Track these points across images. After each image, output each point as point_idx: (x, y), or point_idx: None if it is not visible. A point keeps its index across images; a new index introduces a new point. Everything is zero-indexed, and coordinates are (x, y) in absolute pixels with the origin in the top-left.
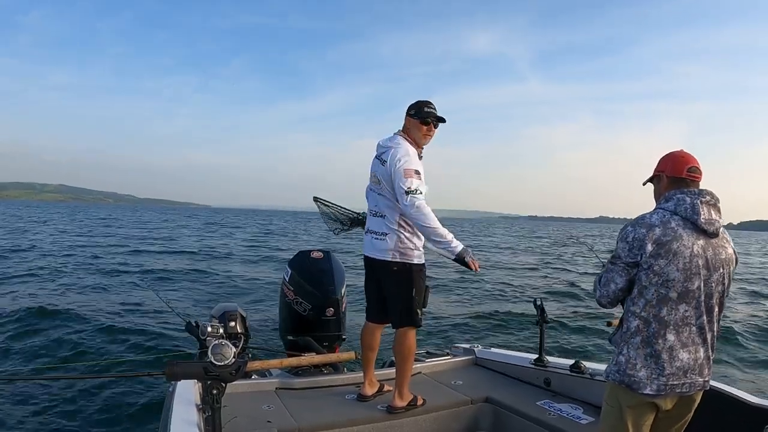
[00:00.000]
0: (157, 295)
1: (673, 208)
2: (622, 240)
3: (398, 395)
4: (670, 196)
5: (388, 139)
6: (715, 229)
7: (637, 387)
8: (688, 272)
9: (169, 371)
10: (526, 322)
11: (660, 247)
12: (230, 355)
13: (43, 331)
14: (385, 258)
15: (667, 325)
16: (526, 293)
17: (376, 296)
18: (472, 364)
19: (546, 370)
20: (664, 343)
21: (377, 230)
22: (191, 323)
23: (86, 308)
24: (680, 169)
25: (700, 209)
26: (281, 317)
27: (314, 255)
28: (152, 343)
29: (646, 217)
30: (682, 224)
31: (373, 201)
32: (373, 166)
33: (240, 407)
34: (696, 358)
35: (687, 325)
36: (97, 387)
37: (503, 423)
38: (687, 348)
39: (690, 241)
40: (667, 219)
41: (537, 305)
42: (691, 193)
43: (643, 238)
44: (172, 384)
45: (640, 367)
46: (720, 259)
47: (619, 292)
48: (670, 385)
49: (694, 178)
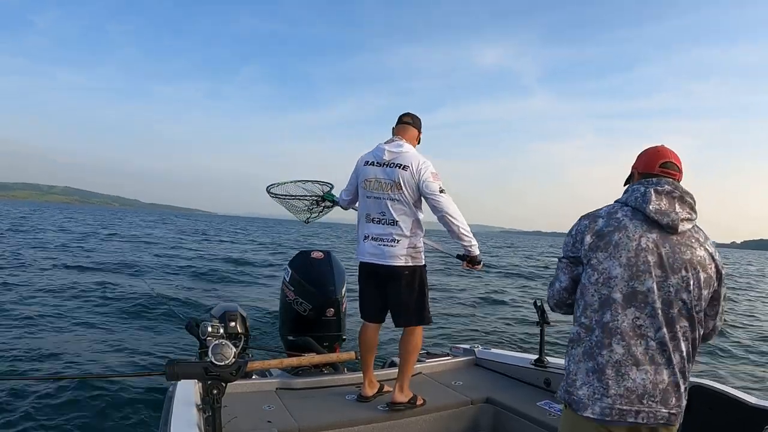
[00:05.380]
0: (158, 295)
1: (624, 199)
2: (567, 234)
3: (399, 390)
4: (627, 188)
5: (395, 144)
6: (671, 221)
7: (577, 407)
8: (634, 269)
9: (169, 371)
10: (527, 322)
11: (600, 239)
12: (230, 355)
13: (43, 331)
14: (396, 263)
15: (612, 334)
16: (527, 294)
17: (378, 300)
18: (472, 365)
19: (546, 371)
20: (609, 356)
21: (386, 236)
22: (191, 323)
23: (86, 308)
24: (652, 165)
25: (653, 197)
26: (281, 317)
27: (314, 255)
28: (152, 343)
29: (597, 209)
30: (630, 215)
31: (378, 207)
32: (380, 172)
33: (240, 407)
34: (655, 382)
35: (641, 337)
36: (97, 387)
37: (503, 423)
38: (641, 366)
39: (636, 234)
40: (615, 210)
41: (537, 306)
42: (648, 183)
43: (584, 230)
44: (172, 384)
45: (581, 384)
46: (682, 259)
47: (563, 291)
48: (617, 409)
49: (667, 174)
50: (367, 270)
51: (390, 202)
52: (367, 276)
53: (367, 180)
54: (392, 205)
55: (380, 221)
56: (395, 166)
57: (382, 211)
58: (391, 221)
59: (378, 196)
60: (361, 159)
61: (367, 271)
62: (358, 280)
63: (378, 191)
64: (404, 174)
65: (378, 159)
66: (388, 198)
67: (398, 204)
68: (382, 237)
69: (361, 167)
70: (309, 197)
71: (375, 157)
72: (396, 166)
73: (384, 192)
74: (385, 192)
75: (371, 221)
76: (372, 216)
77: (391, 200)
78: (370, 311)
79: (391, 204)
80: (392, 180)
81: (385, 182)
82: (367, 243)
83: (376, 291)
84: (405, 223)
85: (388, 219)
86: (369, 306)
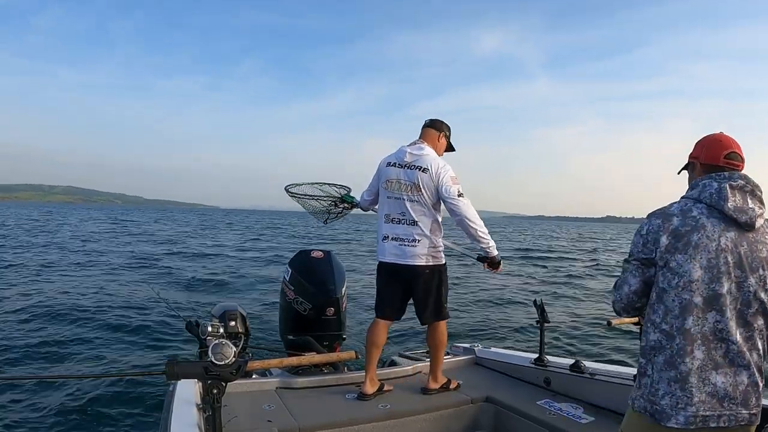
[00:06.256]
0: (158, 295)
1: (696, 196)
2: (636, 234)
3: (433, 379)
4: (696, 183)
5: (416, 147)
6: (749, 219)
7: (660, 418)
8: (715, 271)
9: (169, 371)
10: (527, 321)
11: (677, 240)
12: (230, 354)
13: (43, 331)
14: (417, 263)
15: (694, 340)
16: (527, 292)
17: (397, 299)
18: (472, 364)
19: (546, 370)
20: (692, 363)
21: (406, 237)
22: (191, 322)
23: (86, 308)
24: (716, 155)
25: (728, 194)
26: (281, 317)
27: (314, 254)
28: (152, 342)
29: (666, 206)
30: (706, 213)
31: (398, 208)
32: (402, 174)
33: (240, 407)
34: (735, 384)
35: (721, 340)
36: (97, 387)
37: (503, 423)
38: (722, 370)
39: (715, 233)
40: (688, 207)
41: (537, 305)
42: (720, 177)
43: (657, 230)
44: (172, 383)
45: (663, 394)
46: (759, 257)
47: (633, 295)
48: (701, 416)
49: (733, 166)
50: (387, 269)
51: (409, 203)
52: (388, 275)
53: (388, 181)
54: (412, 206)
55: (400, 221)
56: (415, 168)
57: (402, 211)
58: (411, 222)
59: (398, 196)
60: (384, 160)
61: (387, 271)
62: (377, 279)
63: (398, 192)
64: (423, 176)
65: (399, 160)
66: (408, 199)
67: (417, 205)
68: (402, 237)
69: (383, 168)
70: (327, 197)
71: (397, 158)
72: (416, 168)
73: (404, 193)
74: (404, 193)
75: (391, 221)
76: (392, 216)
77: (411, 201)
78: (387, 310)
79: (411, 205)
80: (412, 181)
81: (405, 183)
82: (387, 243)
83: (395, 290)
84: (424, 224)
85: (408, 219)
86: (386, 304)
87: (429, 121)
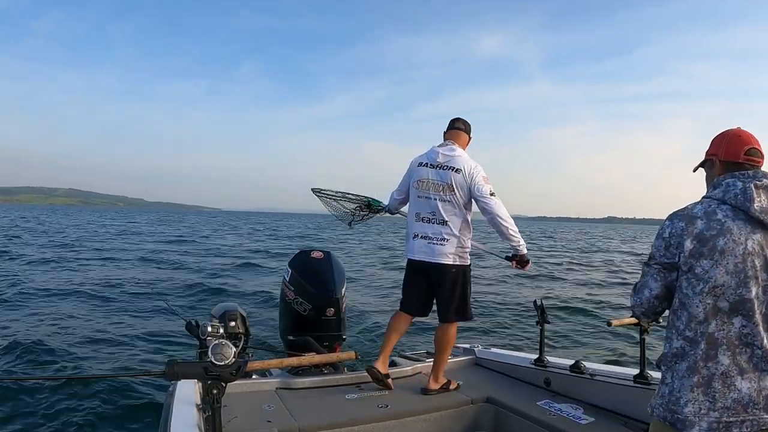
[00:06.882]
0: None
1: (720, 196)
2: (658, 236)
3: (433, 379)
4: (719, 182)
5: (448, 148)
6: None
7: (682, 426)
8: (742, 275)
9: (169, 371)
10: (527, 322)
11: (702, 244)
12: (230, 354)
13: (43, 331)
14: (445, 262)
15: (718, 345)
16: (527, 292)
17: (422, 296)
18: (472, 364)
19: (546, 370)
20: (716, 368)
21: (435, 236)
22: (191, 323)
23: (86, 308)
24: (736, 152)
25: (754, 194)
26: (281, 317)
27: (314, 255)
28: (152, 342)
29: (688, 208)
30: (731, 215)
31: (429, 207)
32: (434, 174)
33: (240, 407)
34: (759, 389)
35: (747, 345)
36: (97, 387)
37: (503, 423)
38: (746, 375)
39: (742, 236)
40: (712, 209)
41: (537, 305)
42: (744, 177)
43: (681, 234)
44: (172, 384)
45: (686, 401)
46: None
47: (654, 300)
48: (724, 422)
49: (753, 162)
50: (415, 267)
51: (441, 202)
52: (415, 272)
53: (420, 180)
54: (443, 206)
55: (430, 221)
56: (448, 169)
57: (433, 211)
58: (441, 221)
59: (429, 196)
60: (415, 160)
61: (415, 268)
62: (405, 276)
63: (430, 192)
64: (456, 177)
65: (432, 161)
66: (439, 199)
67: (449, 205)
68: (432, 236)
69: (415, 168)
70: (356, 199)
71: (429, 159)
72: (449, 169)
73: (436, 193)
74: (436, 193)
75: (421, 220)
76: (422, 215)
77: (442, 201)
78: (411, 306)
79: (442, 205)
80: (445, 182)
81: (437, 183)
82: (417, 241)
83: (421, 287)
84: (454, 224)
85: (439, 219)
86: (412, 301)
87: (458, 121)
